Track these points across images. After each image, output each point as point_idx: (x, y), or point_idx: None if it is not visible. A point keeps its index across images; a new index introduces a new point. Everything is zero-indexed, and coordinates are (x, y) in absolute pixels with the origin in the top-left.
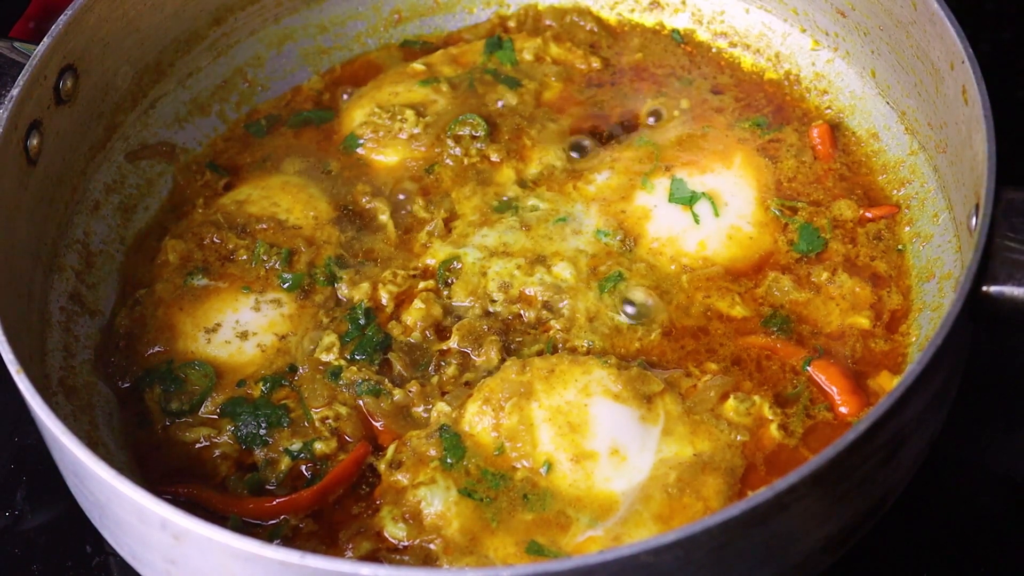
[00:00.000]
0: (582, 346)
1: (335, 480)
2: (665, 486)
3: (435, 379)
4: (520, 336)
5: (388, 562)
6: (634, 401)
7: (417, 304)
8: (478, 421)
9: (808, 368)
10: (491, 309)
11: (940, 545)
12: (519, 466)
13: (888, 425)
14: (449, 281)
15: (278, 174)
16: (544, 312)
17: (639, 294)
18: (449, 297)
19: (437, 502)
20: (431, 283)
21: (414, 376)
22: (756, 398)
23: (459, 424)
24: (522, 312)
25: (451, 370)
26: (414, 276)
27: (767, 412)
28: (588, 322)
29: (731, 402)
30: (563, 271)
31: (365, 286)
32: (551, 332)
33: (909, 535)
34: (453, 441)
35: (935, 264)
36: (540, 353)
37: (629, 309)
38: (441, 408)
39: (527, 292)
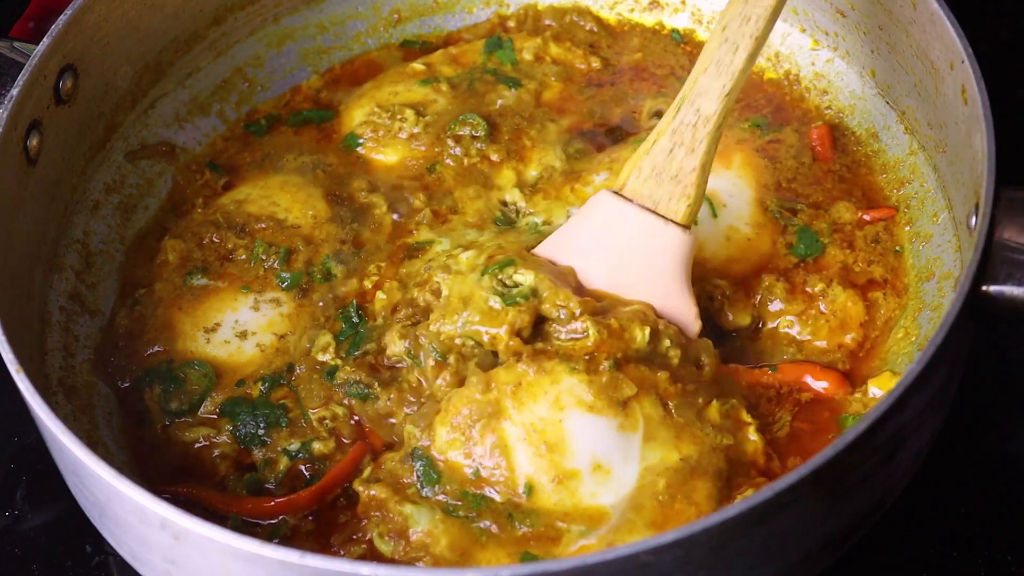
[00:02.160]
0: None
1: (333, 480)
2: (655, 494)
3: (402, 386)
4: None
5: None
6: (609, 410)
7: (379, 295)
8: (447, 447)
9: (773, 370)
10: (406, 294)
11: (940, 545)
12: (499, 489)
13: (888, 425)
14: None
15: (277, 173)
16: (429, 296)
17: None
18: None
19: (423, 521)
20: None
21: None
22: (734, 401)
23: (430, 450)
24: (418, 297)
25: (411, 376)
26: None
27: (744, 416)
28: (460, 303)
29: (715, 404)
30: (464, 256)
31: (353, 282)
32: (431, 322)
33: (909, 535)
34: (427, 468)
35: (935, 264)
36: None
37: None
38: (410, 430)
39: (425, 271)
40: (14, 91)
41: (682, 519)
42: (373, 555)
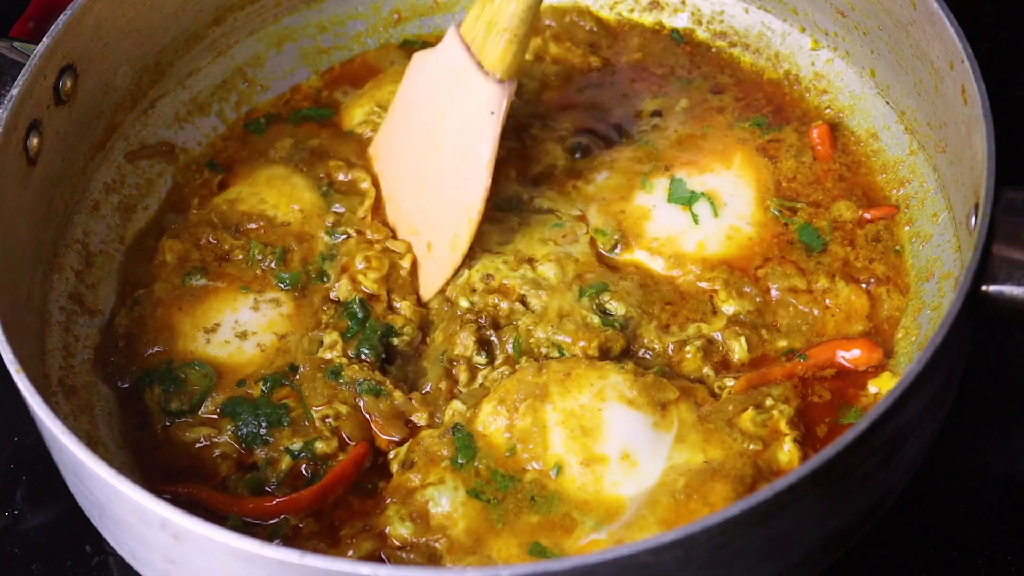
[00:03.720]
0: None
1: (335, 480)
2: (673, 492)
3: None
4: (500, 329)
5: (393, 559)
6: (648, 407)
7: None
8: (492, 421)
9: (804, 359)
10: (472, 300)
11: (940, 545)
12: (529, 468)
13: (888, 425)
14: None
15: (266, 167)
16: (518, 305)
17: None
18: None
19: (444, 502)
20: (410, 257)
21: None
22: (775, 412)
23: (473, 424)
24: (498, 303)
25: (447, 383)
26: (387, 250)
27: (784, 427)
28: (557, 317)
29: (749, 412)
30: (547, 271)
31: (345, 283)
32: (520, 326)
33: (909, 535)
34: (465, 441)
35: (934, 264)
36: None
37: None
38: (456, 407)
39: (506, 283)
40: (14, 91)
41: (693, 519)
42: (384, 547)
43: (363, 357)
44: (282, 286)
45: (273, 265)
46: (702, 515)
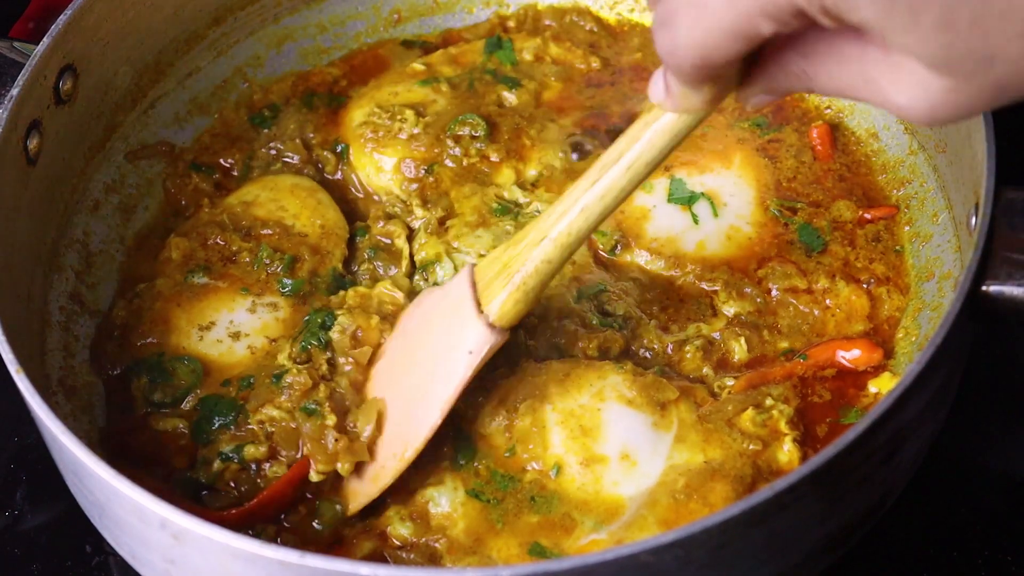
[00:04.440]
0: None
1: (266, 501)
2: (672, 492)
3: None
4: None
5: (393, 559)
6: (648, 407)
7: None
8: (491, 421)
9: (804, 358)
10: None
11: (940, 545)
12: (529, 468)
13: (888, 425)
14: (428, 279)
15: (288, 175)
16: None
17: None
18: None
19: (444, 502)
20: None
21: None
22: (775, 412)
23: (472, 424)
24: None
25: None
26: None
27: (783, 427)
28: (556, 319)
29: (749, 412)
30: None
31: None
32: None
33: (909, 535)
34: (465, 441)
35: (934, 264)
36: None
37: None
38: (455, 408)
39: None
40: (14, 91)
41: (693, 519)
42: (385, 547)
43: (311, 347)
44: (283, 292)
45: (279, 270)
46: (702, 515)
